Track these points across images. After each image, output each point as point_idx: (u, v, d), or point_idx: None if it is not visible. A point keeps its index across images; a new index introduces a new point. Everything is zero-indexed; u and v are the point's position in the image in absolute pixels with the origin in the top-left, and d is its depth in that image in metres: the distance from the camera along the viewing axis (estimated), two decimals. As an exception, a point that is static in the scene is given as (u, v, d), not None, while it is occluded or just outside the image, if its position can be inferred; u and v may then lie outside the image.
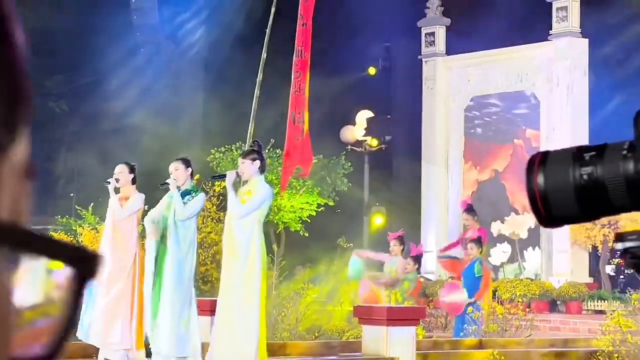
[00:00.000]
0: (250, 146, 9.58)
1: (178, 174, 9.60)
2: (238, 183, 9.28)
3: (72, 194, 28.31)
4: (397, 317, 8.90)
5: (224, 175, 9.23)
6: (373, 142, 23.58)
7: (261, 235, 9.03)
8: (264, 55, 16.69)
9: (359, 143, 24.06)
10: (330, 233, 20.00)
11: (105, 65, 28.19)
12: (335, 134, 23.78)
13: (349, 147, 23.65)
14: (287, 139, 14.77)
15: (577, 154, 1.39)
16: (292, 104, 14.98)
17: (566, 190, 1.38)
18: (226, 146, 19.87)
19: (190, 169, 9.72)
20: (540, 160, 1.42)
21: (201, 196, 9.67)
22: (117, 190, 10.35)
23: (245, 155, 9.31)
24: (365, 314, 9.13)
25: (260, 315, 8.72)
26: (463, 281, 13.78)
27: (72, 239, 17.76)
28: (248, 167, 9.08)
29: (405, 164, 23.13)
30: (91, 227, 17.65)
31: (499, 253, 20.32)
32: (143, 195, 10.21)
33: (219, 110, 22.88)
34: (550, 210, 1.41)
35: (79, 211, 18.71)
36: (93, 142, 25.13)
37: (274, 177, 18.35)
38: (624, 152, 1.34)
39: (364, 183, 24.06)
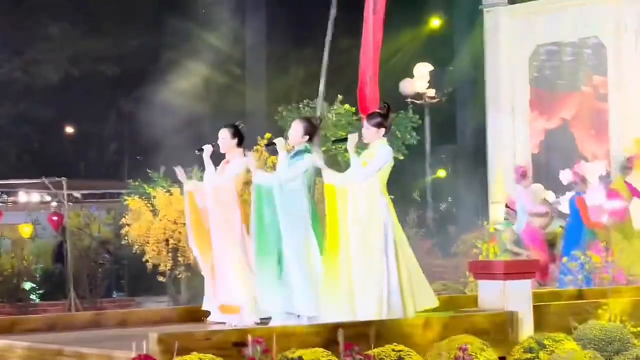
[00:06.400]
0: (380, 107, 9.21)
1: (293, 135, 9.37)
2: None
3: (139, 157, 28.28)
4: (514, 271, 8.85)
5: (346, 139, 8.97)
6: (435, 94, 23.42)
7: (386, 197, 8.85)
8: (333, 11, 16.53)
9: (419, 96, 23.91)
10: (400, 187, 19.97)
11: (156, 24, 28.13)
12: (395, 87, 23.63)
13: (409, 100, 23.55)
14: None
15: None
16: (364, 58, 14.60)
17: None
18: (293, 104, 19.77)
19: (308, 136, 9.34)
20: None
21: (307, 157, 9.24)
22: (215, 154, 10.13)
23: (370, 119, 9.03)
24: (482, 269, 9.08)
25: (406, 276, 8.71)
26: None
27: (146, 202, 17.82)
28: (372, 134, 8.91)
29: (469, 116, 23.01)
30: (165, 190, 17.67)
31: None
32: (245, 159, 9.91)
33: (284, 68, 22.80)
34: None
35: (150, 174, 18.67)
36: (152, 104, 25.05)
37: (344, 134, 18.26)
38: None
39: (426, 136, 23.94)
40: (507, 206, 14.22)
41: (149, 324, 9.69)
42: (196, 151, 10.10)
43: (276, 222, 9.25)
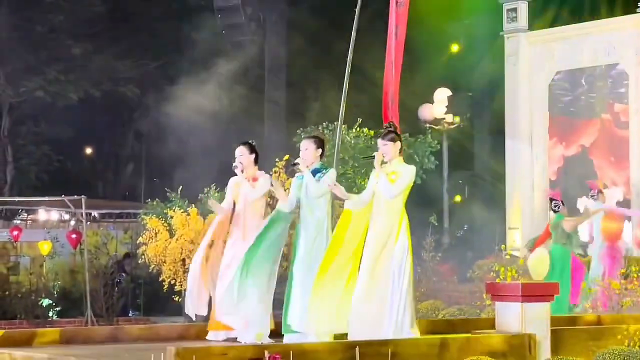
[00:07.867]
0: (386, 127, 9.50)
1: (307, 154, 9.58)
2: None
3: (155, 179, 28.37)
4: (532, 294, 8.85)
5: (374, 156, 9.25)
6: (455, 119, 23.44)
7: (405, 215, 9.06)
8: (353, 35, 16.52)
9: (437, 121, 23.96)
10: (418, 211, 19.96)
11: (176, 46, 28.24)
12: (414, 112, 23.70)
13: (427, 125, 23.59)
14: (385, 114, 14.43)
15: None
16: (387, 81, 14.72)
17: None
18: (312, 127, 19.81)
19: (320, 150, 9.66)
20: None
21: (332, 172, 9.58)
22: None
23: (384, 136, 9.26)
24: (500, 291, 9.07)
25: (410, 293, 8.87)
26: None
27: (163, 222, 17.84)
28: (391, 149, 9.14)
29: (487, 141, 23.00)
30: (182, 210, 17.67)
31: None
32: (269, 176, 10.15)
33: (303, 91, 22.86)
34: None
35: (168, 194, 18.69)
36: (171, 125, 25.14)
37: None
38: None
39: (443, 161, 23.94)
40: (552, 199, 14.27)
41: (165, 339, 9.73)
42: (233, 167, 10.22)
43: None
